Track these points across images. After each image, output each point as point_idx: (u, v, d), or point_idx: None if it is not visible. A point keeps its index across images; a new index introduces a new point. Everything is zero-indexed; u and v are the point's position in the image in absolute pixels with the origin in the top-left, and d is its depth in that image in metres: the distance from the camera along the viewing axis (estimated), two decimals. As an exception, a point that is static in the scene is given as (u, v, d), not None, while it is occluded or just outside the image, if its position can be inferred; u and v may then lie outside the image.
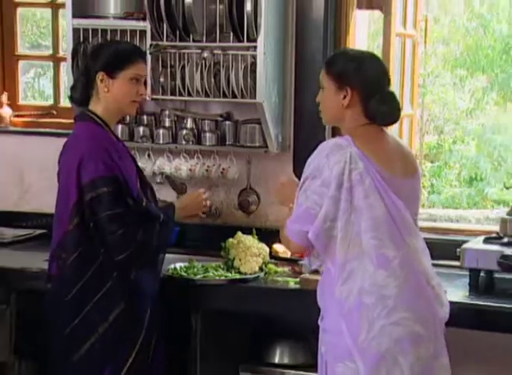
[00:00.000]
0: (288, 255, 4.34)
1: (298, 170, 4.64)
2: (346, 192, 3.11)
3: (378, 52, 4.87)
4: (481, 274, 3.98)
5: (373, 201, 3.15)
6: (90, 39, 4.57)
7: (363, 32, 4.97)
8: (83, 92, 3.77)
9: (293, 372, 4.28)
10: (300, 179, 4.51)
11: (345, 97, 3.25)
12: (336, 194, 3.11)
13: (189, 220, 3.98)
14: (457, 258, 4.00)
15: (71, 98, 3.90)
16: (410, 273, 3.19)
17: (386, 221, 3.17)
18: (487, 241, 4.10)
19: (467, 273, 4.01)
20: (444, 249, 4.20)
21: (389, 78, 3.38)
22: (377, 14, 4.77)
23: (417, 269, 3.23)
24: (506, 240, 4.05)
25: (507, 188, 11.45)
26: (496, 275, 3.97)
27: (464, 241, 4.13)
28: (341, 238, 3.13)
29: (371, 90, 3.25)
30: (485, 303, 3.77)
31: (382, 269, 3.13)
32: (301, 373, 4.27)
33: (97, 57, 3.76)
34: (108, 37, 4.55)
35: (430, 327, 3.19)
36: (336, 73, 3.28)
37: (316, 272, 4.06)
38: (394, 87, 4.70)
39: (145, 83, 4.05)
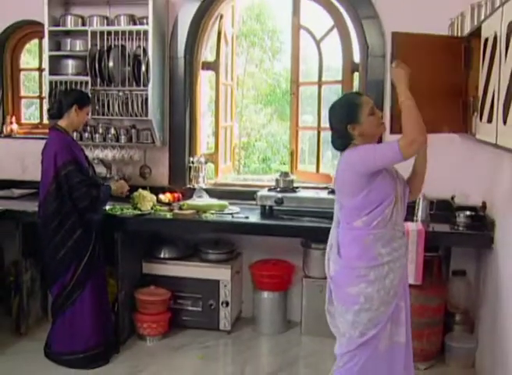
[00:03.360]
0: (167, 201, 4.14)
1: (172, 156, 4.43)
2: None
3: (213, 95, 4.74)
4: (267, 208, 3.92)
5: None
6: (59, 86, 4.22)
7: (205, 83, 4.76)
8: (55, 112, 3.56)
9: (172, 261, 4.10)
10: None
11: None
12: None
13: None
14: (255, 200, 3.93)
15: (48, 113, 3.68)
16: None
17: None
18: (269, 190, 4.04)
19: (260, 207, 3.93)
20: (249, 195, 4.15)
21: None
22: (212, 73, 4.61)
23: None
24: (278, 189, 4.01)
25: (282, 164, 11.76)
26: (274, 208, 3.91)
27: (258, 191, 4.04)
28: None
29: None
30: (269, 222, 3.72)
31: None
32: (177, 262, 4.10)
33: (71, 95, 3.58)
34: (68, 85, 4.21)
35: None
36: None
37: (180, 209, 3.92)
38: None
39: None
